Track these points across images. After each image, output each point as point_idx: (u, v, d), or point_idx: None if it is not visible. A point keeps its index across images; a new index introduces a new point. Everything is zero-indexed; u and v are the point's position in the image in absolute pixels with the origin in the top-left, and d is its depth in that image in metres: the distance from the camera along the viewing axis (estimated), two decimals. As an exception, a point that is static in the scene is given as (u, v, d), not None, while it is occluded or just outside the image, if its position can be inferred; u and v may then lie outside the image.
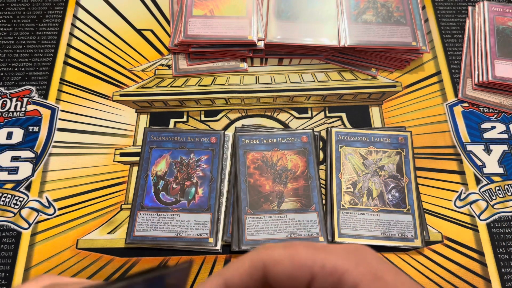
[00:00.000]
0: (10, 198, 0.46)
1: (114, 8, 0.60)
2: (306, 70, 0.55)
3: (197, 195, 0.45)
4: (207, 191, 0.45)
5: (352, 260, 0.24)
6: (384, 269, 0.24)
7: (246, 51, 0.55)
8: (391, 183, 0.46)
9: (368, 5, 0.57)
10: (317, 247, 0.25)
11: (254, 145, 0.48)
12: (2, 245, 0.44)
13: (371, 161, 0.48)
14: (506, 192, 0.47)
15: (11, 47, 0.56)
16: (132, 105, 0.52)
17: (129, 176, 0.48)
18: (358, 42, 0.53)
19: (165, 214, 0.44)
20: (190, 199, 0.45)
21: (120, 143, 0.50)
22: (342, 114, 0.52)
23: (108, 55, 0.56)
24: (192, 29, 0.54)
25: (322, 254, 0.24)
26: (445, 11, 0.60)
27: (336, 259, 0.24)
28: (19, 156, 0.49)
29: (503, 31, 0.55)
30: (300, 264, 0.24)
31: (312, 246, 0.25)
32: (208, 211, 0.44)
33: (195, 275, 0.43)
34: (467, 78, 0.54)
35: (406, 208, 0.45)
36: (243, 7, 0.56)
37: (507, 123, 0.52)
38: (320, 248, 0.25)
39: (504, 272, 0.43)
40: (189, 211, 0.44)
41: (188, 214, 0.44)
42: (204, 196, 0.45)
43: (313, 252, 0.24)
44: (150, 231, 0.43)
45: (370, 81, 0.54)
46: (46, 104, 0.52)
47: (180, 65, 0.55)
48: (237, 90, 0.53)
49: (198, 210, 0.44)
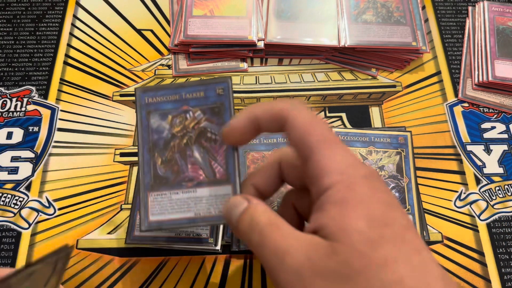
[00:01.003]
0: (10, 198, 0.46)
1: (114, 8, 0.60)
2: (306, 70, 0.55)
3: None
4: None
5: (342, 166, 0.28)
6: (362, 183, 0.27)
7: (246, 51, 0.55)
8: (391, 183, 0.46)
9: (368, 5, 0.57)
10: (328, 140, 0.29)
11: (254, 145, 0.48)
12: (2, 245, 0.44)
13: (371, 161, 0.48)
14: (506, 192, 0.47)
15: (11, 47, 0.56)
16: (132, 105, 0.52)
17: (129, 176, 0.48)
18: (358, 42, 0.53)
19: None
20: None
21: (120, 143, 0.50)
22: (342, 114, 0.52)
23: (108, 55, 0.56)
24: (192, 29, 0.54)
25: (329, 151, 0.28)
26: (445, 11, 0.60)
27: (332, 161, 0.28)
28: (19, 156, 0.49)
29: (503, 31, 0.56)
30: (307, 142, 0.29)
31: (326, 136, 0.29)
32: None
33: (195, 275, 0.43)
34: (467, 78, 0.54)
35: (406, 208, 0.45)
36: (243, 7, 0.56)
37: (507, 123, 0.52)
38: (330, 142, 0.29)
39: (504, 272, 0.43)
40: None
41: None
42: None
43: (323, 144, 0.29)
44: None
45: (370, 81, 0.54)
46: (46, 104, 0.52)
47: (180, 65, 0.55)
48: (237, 90, 0.53)
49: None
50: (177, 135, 0.37)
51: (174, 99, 0.38)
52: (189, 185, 0.36)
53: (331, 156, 0.28)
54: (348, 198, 0.26)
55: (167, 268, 0.43)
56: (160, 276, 0.43)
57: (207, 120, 0.37)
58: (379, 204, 0.26)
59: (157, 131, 0.38)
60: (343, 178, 0.27)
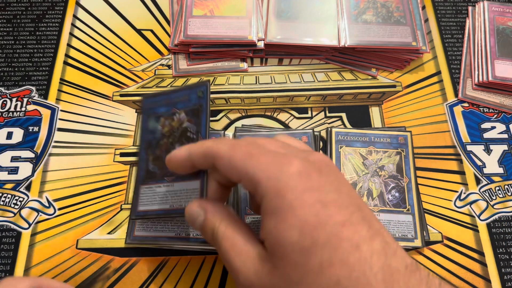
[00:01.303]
0: (10, 198, 0.46)
1: (114, 8, 0.60)
2: (306, 70, 0.55)
3: None
4: None
5: (267, 173, 0.27)
6: (292, 186, 0.26)
7: (246, 51, 0.55)
8: (391, 183, 0.46)
9: (368, 5, 0.57)
10: (251, 155, 0.29)
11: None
12: (2, 245, 0.44)
13: (371, 161, 0.48)
14: (506, 192, 0.47)
15: (11, 47, 0.56)
16: (132, 105, 0.52)
17: (129, 176, 0.48)
18: (358, 42, 0.53)
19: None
20: None
21: (120, 143, 0.50)
22: (342, 114, 0.52)
23: (108, 55, 0.56)
24: (192, 29, 0.54)
25: (252, 162, 0.28)
26: (445, 11, 0.60)
27: (258, 170, 0.28)
28: (19, 156, 0.49)
29: (503, 31, 0.56)
30: (233, 166, 0.29)
31: (249, 152, 0.29)
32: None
33: (195, 275, 0.43)
34: (467, 78, 0.54)
35: (406, 208, 0.45)
36: (243, 7, 0.56)
37: (507, 123, 0.52)
38: (253, 156, 0.29)
39: (504, 272, 0.43)
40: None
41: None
42: None
43: (246, 159, 0.29)
44: (150, 231, 0.43)
45: (370, 81, 0.54)
46: (46, 104, 0.52)
47: (180, 65, 0.55)
48: (237, 90, 0.53)
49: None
50: (166, 135, 0.42)
51: (166, 103, 0.44)
52: (169, 179, 0.40)
53: (257, 165, 0.28)
54: (278, 208, 0.26)
55: (167, 268, 0.43)
56: (160, 276, 0.43)
57: (189, 120, 0.42)
58: (310, 205, 0.26)
59: (152, 131, 0.43)
60: (271, 184, 0.27)
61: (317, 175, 0.27)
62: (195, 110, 0.42)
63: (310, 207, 0.26)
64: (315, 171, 0.28)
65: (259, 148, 0.30)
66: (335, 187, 0.27)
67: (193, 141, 0.40)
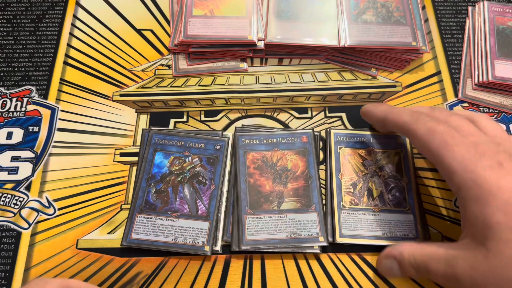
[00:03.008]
0: (10, 198, 0.46)
1: (114, 8, 0.60)
2: (306, 70, 0.55)
3: None
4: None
5: (464, 164, 0.31)
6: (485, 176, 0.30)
7: (246, 51, 0.55)
8: (391, 183, 0.46)
9: (368, 5, 0.57)
10: (447, 144, 0.33)
11: (254, 145, 0.48)
12: (2, 245, 0.44)
13: (370, 162, 0.48)
14: (506, 192, 0.47)
15: (11, 47, 0.56)
16: (132, 105, 0.52)
17: (129, 176, 0.48)
18: (358, 42, 0.53)
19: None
20: None
21: (120, 143, 0.50)
22: (342, 114, 0.52)
23: (108, 55, 0.56)
24: (192, 29, 0.54)
25: (448, 152, 0.33)
26: (445, 11, 0.60)
27: (454, 161, 0.32)
28: (19, 156, 0.49)
29: (503, 31, 0.55)
30: (429, 151, 0.34)
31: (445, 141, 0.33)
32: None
33: (195, 275, 0.43)
34: (467, 78, 0.54)
35: (407, 208, 0.45)
36: (243, 7, 0.56)
37: (507, 123, 0.52)
38: (449, 145, 0.33)
39: (504, 272, 0.43)
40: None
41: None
42: None
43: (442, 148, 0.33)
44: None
45: (370, 81, 0.54)
46: (46, 104, 0.52)
47: (180, 65, 0.55)
48: (237, 90, 0.53)
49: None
50: (174, 173, 0.46)
51: (179, 144, 0.47)
52: (173, 215, 0.44)
53: (452, 156, 0.31)
54: (480, 195, 0.29)
55: (167, 268, 0.43)
56: (160, 276, 0.43)
57: (202, 166, 0.46)
58: (509, 190, 0.28)
59: (158, 166, 0.46)
60: (467, 175, 0.30)
61: (508, 163, 0.30)
62: (211, 159, 0.47)
63: (509, 191, 0.28)
64: (506, 159, 0.31)
65: (454, 139, 0.32)
66: None
67: (204, 186, 0.45)
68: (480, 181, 0.29)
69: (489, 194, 0.29)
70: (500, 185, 0.29)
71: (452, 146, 0.32)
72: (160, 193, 0.45)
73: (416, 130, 0.35)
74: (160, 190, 0.45)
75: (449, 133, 0.33)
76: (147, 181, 0.46)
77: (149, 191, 0.45)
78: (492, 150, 0.31)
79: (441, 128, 0.34)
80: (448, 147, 0.32)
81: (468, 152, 0.31)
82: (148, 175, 0.46)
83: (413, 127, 0.35)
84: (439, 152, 0.32)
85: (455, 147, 0.32)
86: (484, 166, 0.30)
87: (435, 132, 0.33)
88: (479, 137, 0.33)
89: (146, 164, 0.47)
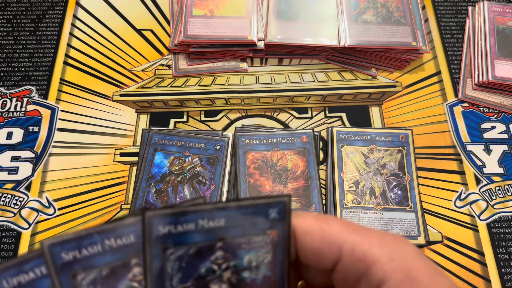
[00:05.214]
0: (10, 198, 0.46)
1: (114, 8, 0.60)
2: (306, 70, 0.55)
3: None
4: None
5: (386, 251, 0.21)
6: (421, 267, 0.21)
7: (246, 51, 0.55)
8: (393, 181, 0.46)
9: (368, 5, 0.57)
10: (352, 227, 0.22)
11: (254, 145, 0.48)
12: (2, 245, 0.44)
13: (372, 160, 0.48)
14: (506, 192, 0.47)
15: (11, 47, 0.56)
16: (132, 105, 0.52)
17: (129, 176, 0.48)
18: (358, 42, 0.53)
19: None
20: None
21: (120, 143, 0.50)
22: (342, 114, 0.52)
23: (108, 55, 0.56)
24: (192, 29, 0.54)
25: (356, 236, 0.22)
26: (445, 11, 0.60)
27: (369, 245, 0.21)
28: (19, 156, 0.49)
29: (503, 31, 0.56)
30: (330, 240, 0.22)
31: (347, 224, 0.22)
32: None
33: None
34: (467, 78, 0.54)
35: (409, 206, 0.45)
36: (243, 7, 0.56)
37: (507, 123, 0.52)
38: (355, 229, 0.22)
39: (504, 272, 0.43)
40: None
41: None
42: None
43: (347, 231, 0.22)
44: None
45: (370, 81, 0.54)
46: (46, 104, 0.52)
47: (180, 65, 0.55)
48: (237, 90, 0.53)
49: None
50: (174, 172, 0.46)
51: (179, 144, 0.47)
52: None
53: (366, 242, 0.22)
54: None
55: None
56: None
57: (202, 166, 0.46)
58: None
59: (158, 166, 0.46)
60: (396, 265, 0.21)
61: (423, 258, 0.22)
62: (211, 159, 0.47)
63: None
64: (419, 253, 0.23)
65: (353, 222, 0.23)
66: None
67: (204, 186, 0.45)
68: (415, 273, 0.21)
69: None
70: (438, 280, 0.20)
71: (362, 230, 0.23)
72: (160, 193, 0.45)
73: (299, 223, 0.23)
74: (160, 190, 0.45)
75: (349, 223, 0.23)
76: (147, 181, 0.46)
77: (149, 191, 0.45)
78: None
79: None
80: (356, 231, 0.23)
81: (384, 237, 0.22)
82: (148, 175, 0.46)
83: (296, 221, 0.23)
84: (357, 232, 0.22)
85: (364, 231, 0.23)
86: (413, 252, 0.21)
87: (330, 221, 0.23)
88: None
89: (146, 164, 0.47)
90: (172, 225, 0.21)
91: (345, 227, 0.22)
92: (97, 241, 0.20)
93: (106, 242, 0.20)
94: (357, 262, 0.21)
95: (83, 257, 0.20)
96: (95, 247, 0.21)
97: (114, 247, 0.21)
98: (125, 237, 0.20)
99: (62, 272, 0.20)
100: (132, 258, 0.21)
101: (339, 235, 0.22)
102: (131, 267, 0.20)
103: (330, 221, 0.22)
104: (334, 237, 0.22)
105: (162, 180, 0.46)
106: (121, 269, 0.20)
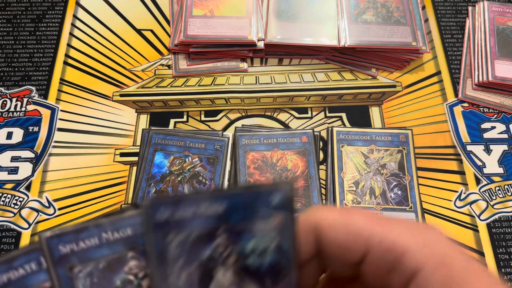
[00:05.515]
0: (10, 198, 0.46)
1: (114, 8, 0.60)
2: (306, 70, 0.55)
3: None
4: None
5: (417, 239, 0.21)
6: (455, 253, 0.20)
7: (246, 51, 0.55)
8: (393, 181, 0.46)
9: (368, 5, 0.57)
10: (377, 218, 0.22)
11: (254, 145, 0.48)
12: (2, 245, 0.44)
13: (372, 160, 0.48)
14: (506, 192, 0.47)
15: (11, 47, 0.56)
16: (132, 105, 0.52)
17: (129, 176, 0.48)
18: (358, 42, 0.53)
19: None
20: None
21: (120, 143, 0.50)
22: (342, 114, 0.52)
23: (108, 55, 0.56)
24: (192, 29, 0.54)
25: (382, 226, 0.21)
26: (445, 11, 0.60)
27: (397, 235, 0.21)
28: (19, 156, 0.49)
29: (503, 31, 0.56)
30: (356, 233, 0.21)
31: (372, 215, 0.22)
32: None
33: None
34: (467, 78, 0.54)
35: (409, 206, 0.45)
36: (243, 7, 0.56)
37: (507, 123, 0.52)
38: (380, 219, 0.21)
39: (504, 272, 0.43)
40: None
41: None
42: None
43: (372, 222, 0.21)
44: None
45: (370, 81, 0.54)
46: (46, 104, 0.52)
47: (180, 65, 0.55)
48: (237, 90, 0.53)
49: None
50: (174, 172, 0.46)
51: (179, 144, 0.47)
52: None
53: (393, 232, 0.21)
54: (450, 278, 0.20)
55: (167, 268, 0.43)
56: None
57: (202, 166, 0.46)
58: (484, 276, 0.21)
59: (159, 166, 0.47)
60: (429, 251, 0.21)
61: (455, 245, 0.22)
62: (211, 159, 0.47)
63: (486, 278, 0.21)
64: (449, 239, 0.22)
65: (377, 214, 0.23)
66: None
67: (204, 185, 0.46)
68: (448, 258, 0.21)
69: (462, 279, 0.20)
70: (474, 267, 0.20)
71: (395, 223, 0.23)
72: (160, 193, 0.45)
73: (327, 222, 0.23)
74: (160, 190, 0.45)
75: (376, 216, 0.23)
76: (147, 181, 0.46)
77: (149, 191, 0.45)
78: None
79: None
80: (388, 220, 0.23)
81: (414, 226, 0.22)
82: (148, 175, 0.46)
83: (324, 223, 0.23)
84: (383, 223, 0.22)
85: (392, 222, 0.22)
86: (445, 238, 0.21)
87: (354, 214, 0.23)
88: None
89: (146, 164, 0.47)
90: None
91: (370, 219, 0.21)
92: (95, 234, 0.21)
93: (103, 235, 0.21)
94: (386, 253, 0.21)
95: (80, 249, 0.21)
96: (92, 240, 0.21)
97: (111, 240, 0.21)
98: (122, 230, 0.21)
99: (59, 265, 0.21)
100: (128, 251, 0.21)
101: (364, 227, 0.21)
102: (128, 260, 0.21)
103: (355, 214, 0.22)
104: (359, 229, 0.21)
105: (162, 180, 0.46)
106: (117, 262, 0.21)
